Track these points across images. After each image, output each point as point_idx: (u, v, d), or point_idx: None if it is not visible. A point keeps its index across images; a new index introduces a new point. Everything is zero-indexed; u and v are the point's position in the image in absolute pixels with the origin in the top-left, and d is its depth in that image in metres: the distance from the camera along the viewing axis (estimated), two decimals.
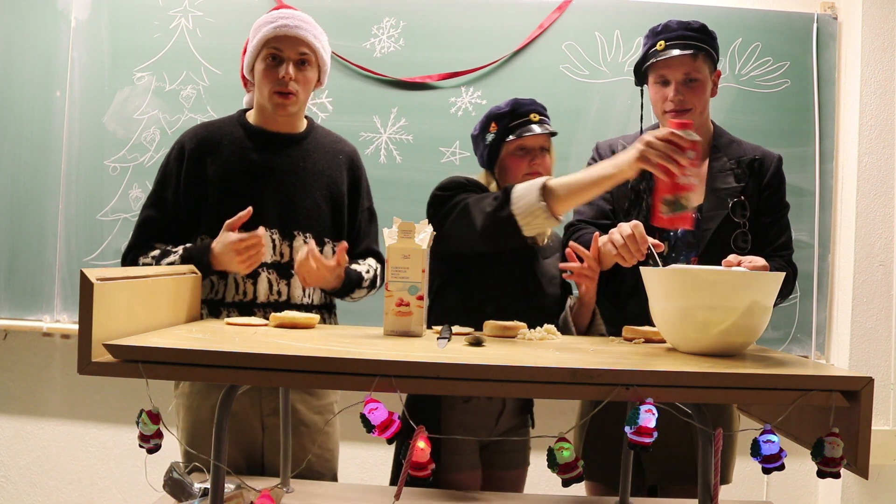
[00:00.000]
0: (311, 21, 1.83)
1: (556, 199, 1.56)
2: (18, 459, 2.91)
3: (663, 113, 1.83)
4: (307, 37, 1.79)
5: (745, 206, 1.84)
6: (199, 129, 1.86)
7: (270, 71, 1.78)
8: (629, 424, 1.09)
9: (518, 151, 1.82)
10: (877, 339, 2.80)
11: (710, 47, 1.82)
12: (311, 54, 1.80)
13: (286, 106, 1.79)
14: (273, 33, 1.77)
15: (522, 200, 1.57)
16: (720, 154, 1.88)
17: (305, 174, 1.84)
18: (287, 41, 1.77)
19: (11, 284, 2.77)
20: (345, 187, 1.89)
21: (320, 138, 1.91)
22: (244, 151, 1.81)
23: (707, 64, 1.82)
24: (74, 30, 2.78)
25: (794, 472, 2.89)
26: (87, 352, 1.14)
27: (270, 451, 1.78)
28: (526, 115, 1.82)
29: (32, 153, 2.78)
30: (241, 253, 1.65)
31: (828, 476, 1.15)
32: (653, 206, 1.55)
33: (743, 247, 1.82)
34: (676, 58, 1.78)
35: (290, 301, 1.80)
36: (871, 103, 2.80)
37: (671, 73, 1.80)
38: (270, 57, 1.78)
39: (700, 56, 1.79)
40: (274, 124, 1.84)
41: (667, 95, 1.81)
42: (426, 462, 1.13)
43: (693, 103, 1.80)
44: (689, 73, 1.79)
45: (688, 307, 1.31)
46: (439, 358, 1.16)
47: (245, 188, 1.78)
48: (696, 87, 1.80)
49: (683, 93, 1.79)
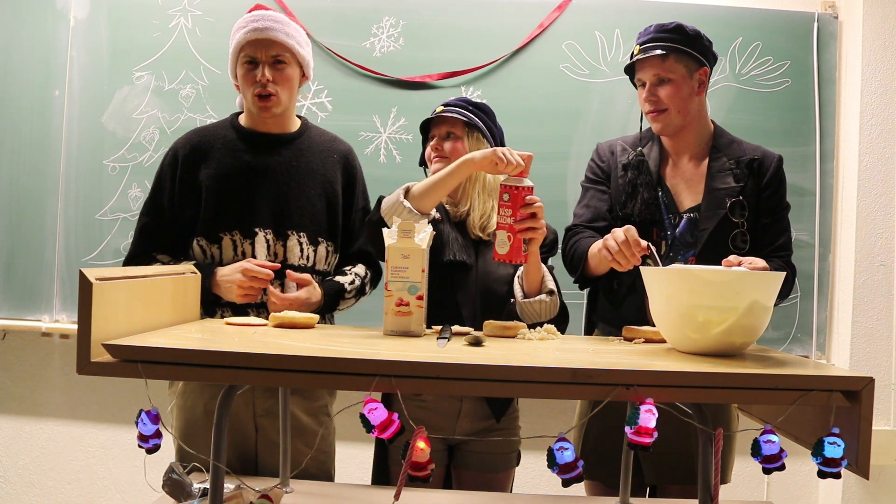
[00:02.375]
0: (284, 19, 1.83)
1: (414, 197, 1.69)
2: (17, 459, 2.91)
3: (646, 114, 1.89)
4: (278, 37, 1.79)
5: (743, 206, 1.84)
6: (192, 135, 1.87)
7: (248, 75, 1.80)
8: (629, 424, 1.09)
9: (433, 142, 1.89)
10: (877, 339, 2.79)
11: (688, 46, 1.83)
12: (286, 54, 1.81)
13: (268, 108, 1.81)
14: (245, 38, 1.79)
15: (387, 203, 1.72)
16: (719, 154, 1.88)
17: (299, 173, 1.84)
18: (259, 44, 1.79)
19: (10, 284, 2.76)
20: (339, 186, 1.90)
21: (314, 137, 1.91)
22: (237, 153, 1.82)
23: (682, 63, 1.83)
24: (73, 29, 2.78)
25: (795, 473, 2.89)
26: (86, 352, 1.14)
27: (264, 452, 1.78)
28: (433, 114, 1.89)
29: (31, 153, 2.77)
30: (244, 285, 1.72)
31: (828, 476, 1.15)
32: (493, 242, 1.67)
33: (741, 247, 1.82)
34: (647, 60, 1.84)
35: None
36: (872, 103, 2.80)
37: (644, 75, 1.86)
38: (247, 61, 1.80)
39: (671, 56, 1.82)
40: (264, 125, 1.85)
41: (644, 97, 1.87)
42: (426, 462, 1.13)
43: (667, 103, 1.84)
44: (658, 73, 1.84)
45: (688, 307, 1.30)
46: (439, 358, 1.16)
47: (239, 189, 1.80)
48: (669, 87, 1.83)
49: (656, 93, 1.84)
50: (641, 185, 1.87)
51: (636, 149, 1.91)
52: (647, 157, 1.90)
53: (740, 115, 2.78)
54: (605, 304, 1.93)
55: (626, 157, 1.91)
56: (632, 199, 1.87)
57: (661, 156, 1.91)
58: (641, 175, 1.87)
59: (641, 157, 1.89)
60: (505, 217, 1.63)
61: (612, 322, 1.87)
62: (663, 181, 1.89)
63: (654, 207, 1.86)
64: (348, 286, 1.86)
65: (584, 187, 1.98)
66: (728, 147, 1.90)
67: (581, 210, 1.95)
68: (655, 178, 1.88)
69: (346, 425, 1.91)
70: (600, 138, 2.07)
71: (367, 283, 1.92)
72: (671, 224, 1.87)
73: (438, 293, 1.73)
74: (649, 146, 1.92)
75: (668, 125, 1.87)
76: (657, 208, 1.86)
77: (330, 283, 1.85)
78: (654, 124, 1.89)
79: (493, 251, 1.65)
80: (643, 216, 1.85)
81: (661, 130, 1.89)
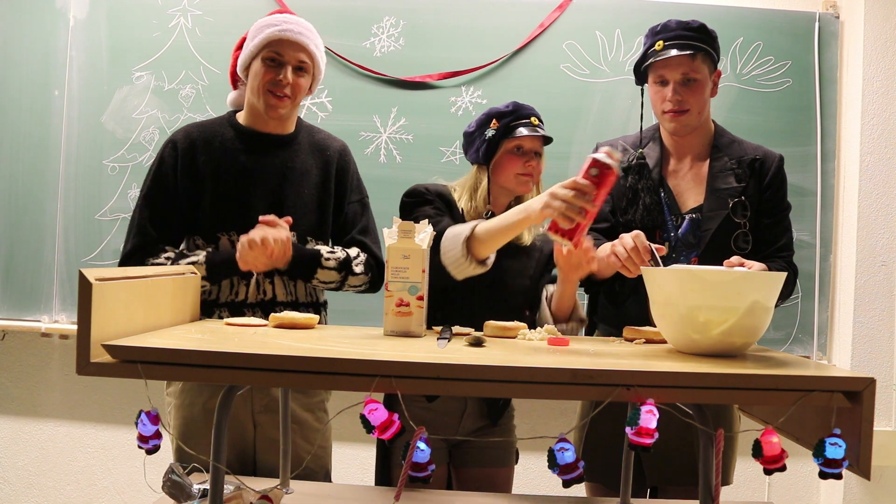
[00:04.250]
0: (313, 30, 1.84)
1: (479, 244, 1.63)
2: (16, 460, 2.91)
3: (662, 113, 1.84)
4: (308, 45, 1.80)
5: (745, 206, 1.83)
6: (191, 128, 1.87)
7: (269, 71, 1.78)
8: (630, 425, 1.09)
9: (515, 150, 1.85)
10: (879, 340, 2.79)
11: (710, 47, 1.81)
12: (308, 62, 1.81)
13: (278, 108, 1.80)
14: (276, 36, 1.77)
15: (449, 253, 1.65)
16: (721, 154, 1.87)
17: (294, 175, 1.84)
18: (289, 46, 1.78)
19: (10, 284, 2.76)
20: (332, 184, 1.90)
21: (308, 137, 1.91)
22: (234, 153, 1.82)
23: (706, 64, 1.81)
24: (73, 28, 2.77)
25: (796, 474, 2.89)
26: (85, 352, 1.13)
27: (263, 450, 1.78)
28: (527, 117, 1.86)
29: (31, 153, 2.77)
30: (254, 246, 1.67)
31: (829, 477, 1.14)
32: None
33: (744, 247, 1.82)
34: (674, 58, 1.78)
35: (276, 299, 1.81)
36: (873, 102, 2.79)
37: (669, 73, 1.80)
38: (270, 59, 1.78)
39: (699, 56, 1.79)
40: (264, 125, 1.85)
41: (665, 96, 1.81)
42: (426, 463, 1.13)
43: (691, 104, 1.80)
44: (686, 73, 1.79)
45: (689, 308, 1.30)
46: (439, 358, 1.15)
47: (235, 190, 1.80)
48: (694, 88, 1.80)
49: (681, 93, 1.80)
50: (642, 190, 1.85)
51: (637, 150, 1.90)
52: (648, 157, 1.89)
53: (741, 115, 2.78)
54: (607, 305, 1.93)
55: (626, 158, 1.90)
56: (633, 204, 1.85)
57: (663, 156, 1.90)
58: (642, 179, 1.85)
59: (642, 160, 1.87)
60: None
61: (613, 323, 1.87)
62: (665, 182, 1.88)
63: (655, 212, 1.84)
64: (327, 254, 1.81)
65: None
66: (729, 147, 1.89)
67: None
68: (657, 178, 1.87)
69: (347, 426, 1.91)
70: (600, 138, 2.06)
71: (356, 261, 1.85)
72: (674, 225, 1.86)
73: (451, 295, 1.73)
74: (650, 146, 1.91)
75: (685, 126, 1.83)
76: (659, 212, 1.85)
77: (299, 246, 1.80)
78: (671, 124, 1.84)
79: (552, 220, 1.46)
80: (644, 222, 1.83)
81: (677, 131, 1.85)
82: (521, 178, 1.85)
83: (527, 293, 1.89)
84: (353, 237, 1.91)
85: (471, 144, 1.91)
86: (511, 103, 1.88)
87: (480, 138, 1.87)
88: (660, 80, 1.82)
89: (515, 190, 1.88)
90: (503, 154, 1.86)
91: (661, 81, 1.82)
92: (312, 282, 1.82)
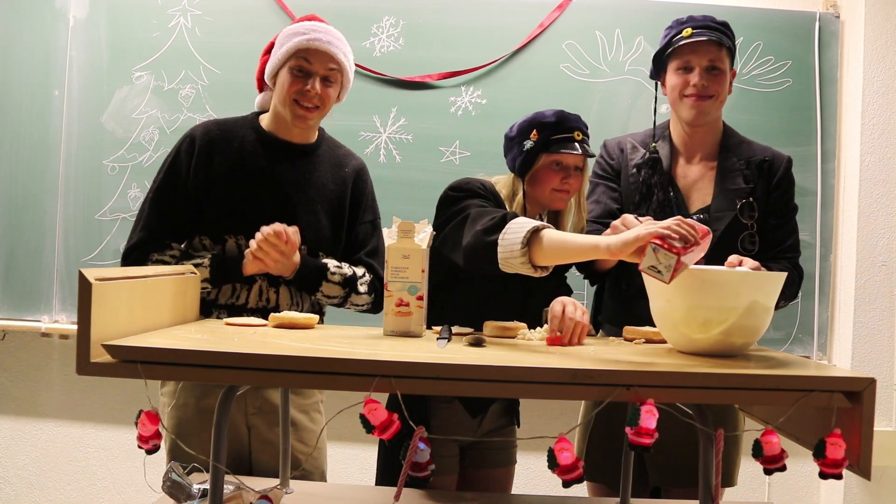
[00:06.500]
0: (342, 37, 1.80)
1: (539, 248, 1.42)
2: (16, 460, 2.91)
3: (682, 97, 1.81)
4: (338, 54, 1.76)
5: (753, 207, 1.82)
6: (212, 125, 1.83)
7: (296, 81, 1.74)
8: (630, 425, 1.09)
9: (554, 165, 1.76)
10: (879, 340, 2.79)
11: (732, 44, 1.83)
12: (338, 72, 1.78)
13: (307, 119, 1.77)
14: (305, 45, 1.73)
15: (509, 235, 1.45)
16: (729, 154, 1.87)
17: (310, 187, 1.82)
18: (318, 55, 1.74)
19: (10, 284, 2.76)
20: (347, 201, 1.87)
21: (329, 151, 1.89)
22: (253, 158, 1.79)
23: (728, 58, 1.83)
24: (73, 28, 2.77)
25: (796, 474, 2.89)
26: (85, 352, 1.13)
27: (258, 451, 1.78)
28: (570, 131, 1.76)
29: (31, 153, 2.77)
30: (262, 246, 1.65)
31: (830, 477, 1.14)
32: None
33: (750, 248, 1.81)
34: (703, 43, 1.78)
35: (279, 308, 1.78)
36: (874, 102, 2.79)
37: (696, 59, 1.79)
38: (298, 68, 1.74)
39: (724, 48, 1.81)
40: (287, 133, 1.82)
41: (689, 80, 1.80)
42: (426, 463, 1.13)
43: (716, 90, 1.80)
44: (713, 60, 1.79)
45: (688, 307, 1.30)
46: (439, 358, 1.15)
47: (248, 196, 1.77)
48: (718, 77, 1.80)
49: (707, 79, 1.79)
50: (656, 186, 1.83)
51: (649, 146, 1.87)
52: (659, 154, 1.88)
53: (741, 115, 2.76)
54: (613, 305, 1.92)
55: (637, 155, 1.88)
56: (646, 199, 1.83)
57: (672, 155, 1.89)
58: (655, 174, 1.83)
59: (655, 154, 1.85)
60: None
61: (618, 323, 1.86)
62: (674, 181, 1.87)
63: (668, 208, 1.82)
64: (334, 268, 1.79)
65: (593, 182, 1.93)
66: (738, 147, 1.88)
67: (590, 206, 1.91)
68: (667, 177, 1.86)
69: (347, 426, 1.90)
70: (601, 138, 2.05)
71: (361, 280, 1.84)
72: None
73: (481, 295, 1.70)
74: (659, 145, 1.89)
75: (706, 113, 1.81)
76: (670, 209, 1.84)
77: (307, 257, 1.78)
78: (691, 111, 1.81)
79: (643, 261, 1.26)
80: (657, 217, 1.81)
81: (696, 119, 1.82)
82: (556, 194, 1.75)
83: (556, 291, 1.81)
84: (361, 258, 1.88)
85: (509, 151, 1.83)
86: (555, 113, 1.77)
87: (519, 147, 1.79)
88: (684, 66, 1.81)
89: (550, 205, 1.80)
90: (541, 167, 1.76)
91: (686, 67, 1.81)
92: (316, 294, 1.81)
